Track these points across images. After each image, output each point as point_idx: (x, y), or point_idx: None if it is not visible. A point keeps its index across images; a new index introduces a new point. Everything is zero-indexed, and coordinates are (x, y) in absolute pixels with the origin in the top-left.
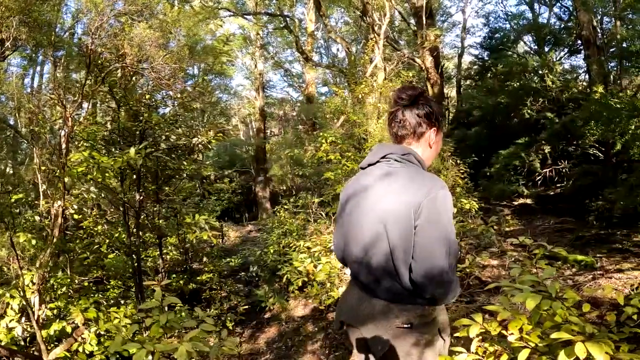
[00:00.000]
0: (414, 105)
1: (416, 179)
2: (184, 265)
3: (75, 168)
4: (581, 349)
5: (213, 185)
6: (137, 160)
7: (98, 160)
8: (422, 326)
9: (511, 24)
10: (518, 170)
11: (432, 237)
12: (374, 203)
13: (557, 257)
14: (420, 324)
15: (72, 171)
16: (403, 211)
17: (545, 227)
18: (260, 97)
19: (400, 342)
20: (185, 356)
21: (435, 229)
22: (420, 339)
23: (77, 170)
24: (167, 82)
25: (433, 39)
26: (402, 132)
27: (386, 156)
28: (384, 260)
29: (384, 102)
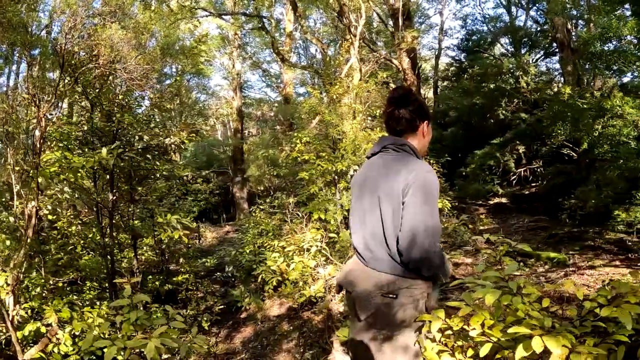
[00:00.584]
0: (406, 103)
1: (408, 164)
2: (160, 267)
3: (48, 168)
4: (538, 342)
5: (189, 186)
6: (109, 160)
7: (70, 160)
8: (409, 302)
9: (488, 26)
10: (493, 170)
11: (416, 214)
12: (375, 185)
13: (530, 255)
14: (406, 298)
15: (45, 171)
16: (395, 190)
17: (520, 225)
18: (237, 97)
19: (384, 311)
20: (154, 352)
21: (419, 206)
22: (404, 315)
23: (50, 171)
24: (139, 82)
25: (410, 40)
26: (400, 127)
27: (386, 146)
28: (377, 232)
29: (359, 103)
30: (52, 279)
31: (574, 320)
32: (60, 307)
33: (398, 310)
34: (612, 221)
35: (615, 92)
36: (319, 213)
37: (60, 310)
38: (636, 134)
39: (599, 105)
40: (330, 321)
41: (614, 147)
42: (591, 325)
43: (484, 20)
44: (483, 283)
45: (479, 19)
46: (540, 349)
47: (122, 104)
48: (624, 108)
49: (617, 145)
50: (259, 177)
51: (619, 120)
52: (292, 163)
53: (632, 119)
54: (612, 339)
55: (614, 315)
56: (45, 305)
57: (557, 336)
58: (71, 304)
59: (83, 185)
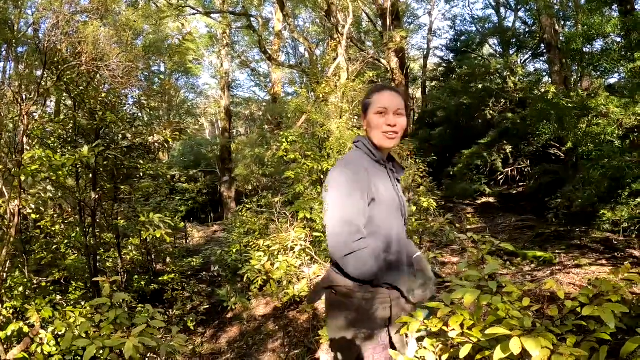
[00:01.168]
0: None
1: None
2: (146, 266)
3: (29, 166)
4: (516, 343)
5: (176, 185)
6: (90, 159)
7: (51, 158)
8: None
9: (477, 27)
10: (480, 169)
11: (325, 211)
12: None
13: (516, 254)
14: (347, 298)
15: (26, 170)
16: None
17: (507, 224)
18: (225, 97)
19: (333, 310)
20: (133, 351)
21: (326, 203)
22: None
23: (31, 169)
24: (121, 80)
25: (399, 40)
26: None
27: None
28: None
29: (346, 102)
30: (35, 279)
31: (555, 320)
32: (42, 306)
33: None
34: (598, 220)
35: (600, 91)
36: (305, 212)
37: (42, 309)
38: (620, 133)
39: (584, 104)
40: (315, 320)
41: (598, 146)
42: (572, 324)
43: (472, 20)
44: (463, 283)
45: (468, 20)
46: (518, 350)
47: (106, 102)
48: (608, 107)
49: (601, 144)
50: (247, 177)
51: (603, 119)
52: (278, 162)
53: (616, 118)
54: (594, 338)
55: (595, 314)
56: (28, 304)
57: (537, 337)
58: (54, 304)
59: (66, 184)
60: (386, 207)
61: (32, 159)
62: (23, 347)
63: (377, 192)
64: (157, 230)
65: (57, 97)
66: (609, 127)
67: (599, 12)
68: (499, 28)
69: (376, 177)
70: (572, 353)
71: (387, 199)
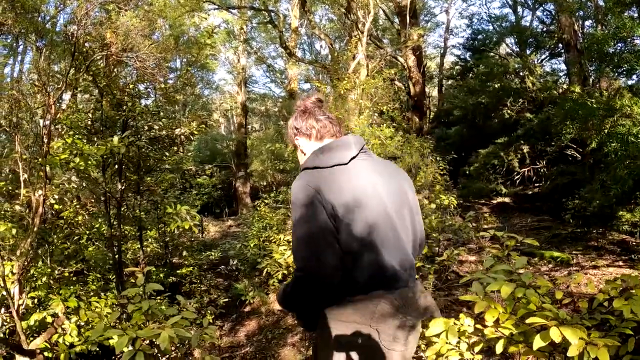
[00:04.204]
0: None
1: None
2: (164, 259)
3: (58, 155)
4: (556, 333)
5: (193, 180)
6: (120, 149)
7: (81, 147)
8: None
9: (494, 26)
10: (497, 169)
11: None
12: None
13: (533, 254)
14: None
15: (55, 159)
16: None
17: (523, 225)
18: (242, 92)
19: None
20: (167, 342)
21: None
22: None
23: (60, 158)
24: (152, 71)
25: (416, 38)
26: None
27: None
28: None
29: (366, 99)
30: (58, 269)
31: (583, 314)
32: (67, 296)
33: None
34: (616, 222)
35: (624, 92)
36: None
37: (67, 299)
38: None
39: (609, 104)
40: None
41: (623, 146)
42: (600, 318)
43: (489, 19)
44: (494, 277)
45: (485, 19)
46: (558, 338)
47: (133, 93)
48: (632, 108)
49: (626, 144)
50: (262, 172)
51: (627, 119)
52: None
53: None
54: (617, 332)
55: (625, 307)
56: (52, 294)
57: (573, 327)
58: (78, 295)
59: (91, 174)
60: None
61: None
62: (46, 337)
63: None
64: (185, 221)
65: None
66: (634, 128)
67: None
68: (516, 27)
69: None
70: (605, 344)
71: None
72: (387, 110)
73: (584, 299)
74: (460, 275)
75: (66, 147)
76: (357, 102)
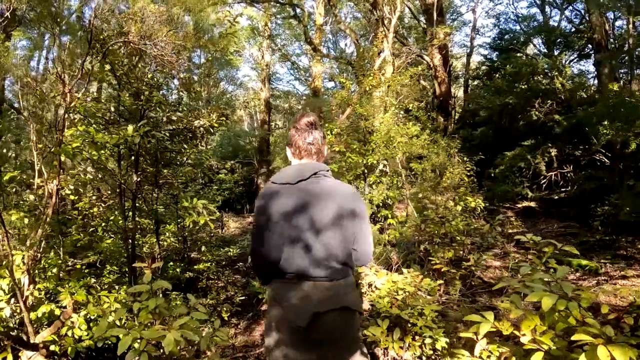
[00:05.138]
0: (317, 127)
1: None
2: (182, 254)
3: (70, 143)
4: (604, 352)
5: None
6: (135, 139)
7: (93, 135)
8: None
9: (521, 25)
10: (523, 172)
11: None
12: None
13: (560, 261)
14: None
15: (67, 148)
16: None
17: (549, 230)
18: (266, 89)
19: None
20: (173, 344)
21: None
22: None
23: (72, 147)
24: (170, 59)
25: (442, 37)
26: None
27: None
28: None
29: (391, 96)
30: (70, 260)
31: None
32: (76, 289)
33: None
34: None
35: None
36: None
37: (76, 293)
38: None
39: None
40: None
41: None
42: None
43: (517, 19)
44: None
45: (512, 18)
46: (606, 359)
47: (151, 83)
48: None
49: None
50: None
51: None
52: None
53: None
54: None
55: None
56: (61, 287)
57: (622, 346)
58: (88, 287)
59: (107, 165)
60: None
61: (73, 136)
62: (54, 330)
63: None
64: (201, 216)
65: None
66: None
67: None
68: (544, 27)
69: None
70: None
71: None
72: (413, 108)
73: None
74: (485, 281)
75: (78, 135)
76: (382, 99)
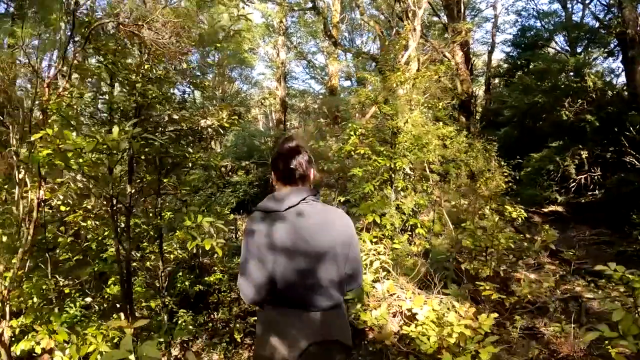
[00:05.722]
0: (301, 152)
1: None
2: (191, 263)
3: (41, 150)
4: None
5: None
6: (120, 143)
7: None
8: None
9: (542, 22)
10: (551, 175)
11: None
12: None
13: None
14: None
15: (37, 155)
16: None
17: (581, 238)
18: (281, 87)
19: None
20: None
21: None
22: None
23: (42, 154)
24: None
25: (464, 33)
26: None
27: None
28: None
29: (418, 94)
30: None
31: None
32: (57, 324)
33: None
34: None
35: None
36: (374, 216)
37: (57, 329)
38: None
39: None
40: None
41: None
42: None
43: (538, 15)
44: None
45: (533, 14)
46: None
47: (149, 75)
48: None
49: None
50: None
51: None
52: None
53: None
54: None
55: None
56: (41, 321)
57: None
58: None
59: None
60: None
61: (43, 140)
62: None
63: None
64: (207, 240)
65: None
66: None
67: None
68: (568, 23)
69: None
70: None
71: None
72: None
73: None
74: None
75: (49, 139)
76: (408, 97)
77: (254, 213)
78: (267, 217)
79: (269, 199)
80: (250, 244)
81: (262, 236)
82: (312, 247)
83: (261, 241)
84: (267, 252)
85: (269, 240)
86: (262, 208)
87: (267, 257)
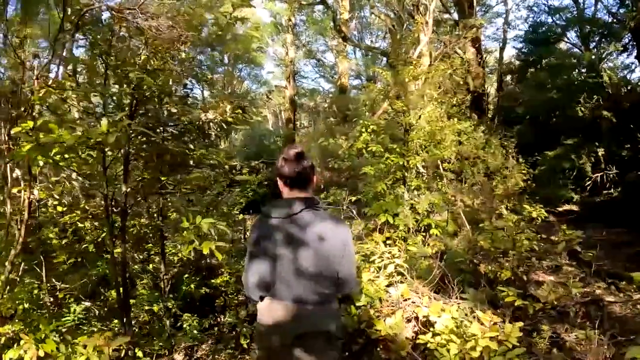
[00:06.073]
0: (306, 158)
1: None
2: (200, 263)
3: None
4: None
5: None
6: (108, 138)
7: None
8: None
9: (553, 18)
10: (567, 173)
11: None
12: None
13: (619, 276)
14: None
15: (18, 151)
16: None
17: (597, 238)
18: (290, 86)
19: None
20: None
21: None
22: None
23: (23, 150)
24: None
25: (476, 29)
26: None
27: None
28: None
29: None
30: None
31: None
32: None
33: None
34: None
35: None
36: (387, 216)
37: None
38: None
39: None
40: None
41: None
42: None
43: (549, 11)
44: None
45: (545, 10)
46: None
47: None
48: None
49: None
50: None
51: None
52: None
53: None
54: None
55: None
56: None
57: None
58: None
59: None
60: None
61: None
62: None
63: None
64: (205, 242)
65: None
66: None
67: None
68: (581, 18)
69: None
70: None
71: None
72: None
73: None
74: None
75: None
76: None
77: (259, 217)
78: (272, 222)
79: (274, 204)
80: (254, 245)
81: (265, 239)
82: (309, 251)
83: (264, 243)
84: (269, 253)
85: (270, 244)
86: (268, 214)
87: (268, 258)
